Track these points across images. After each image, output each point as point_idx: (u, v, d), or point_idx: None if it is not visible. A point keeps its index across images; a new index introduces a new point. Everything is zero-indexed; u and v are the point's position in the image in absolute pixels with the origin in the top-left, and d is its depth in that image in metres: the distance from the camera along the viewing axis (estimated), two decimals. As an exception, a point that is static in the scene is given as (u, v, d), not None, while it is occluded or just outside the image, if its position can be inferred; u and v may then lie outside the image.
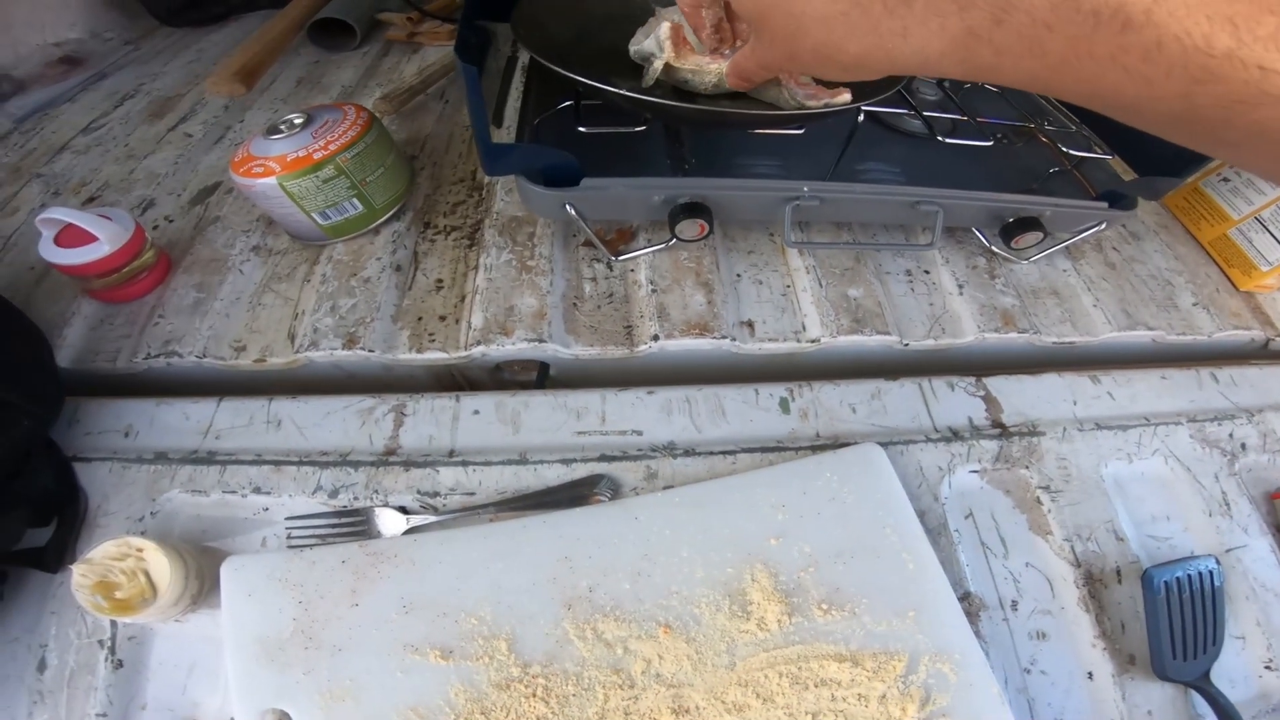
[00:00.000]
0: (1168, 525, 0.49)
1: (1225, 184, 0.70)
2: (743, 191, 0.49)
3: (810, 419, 0.49)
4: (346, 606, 0.37)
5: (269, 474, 0.45)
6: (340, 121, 0.53)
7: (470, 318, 0.52)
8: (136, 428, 0.48)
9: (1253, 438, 0.53)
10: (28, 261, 0.61)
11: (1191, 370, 0.57)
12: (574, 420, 0.48)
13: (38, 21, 1.09)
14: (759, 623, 0.38)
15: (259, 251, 0.58)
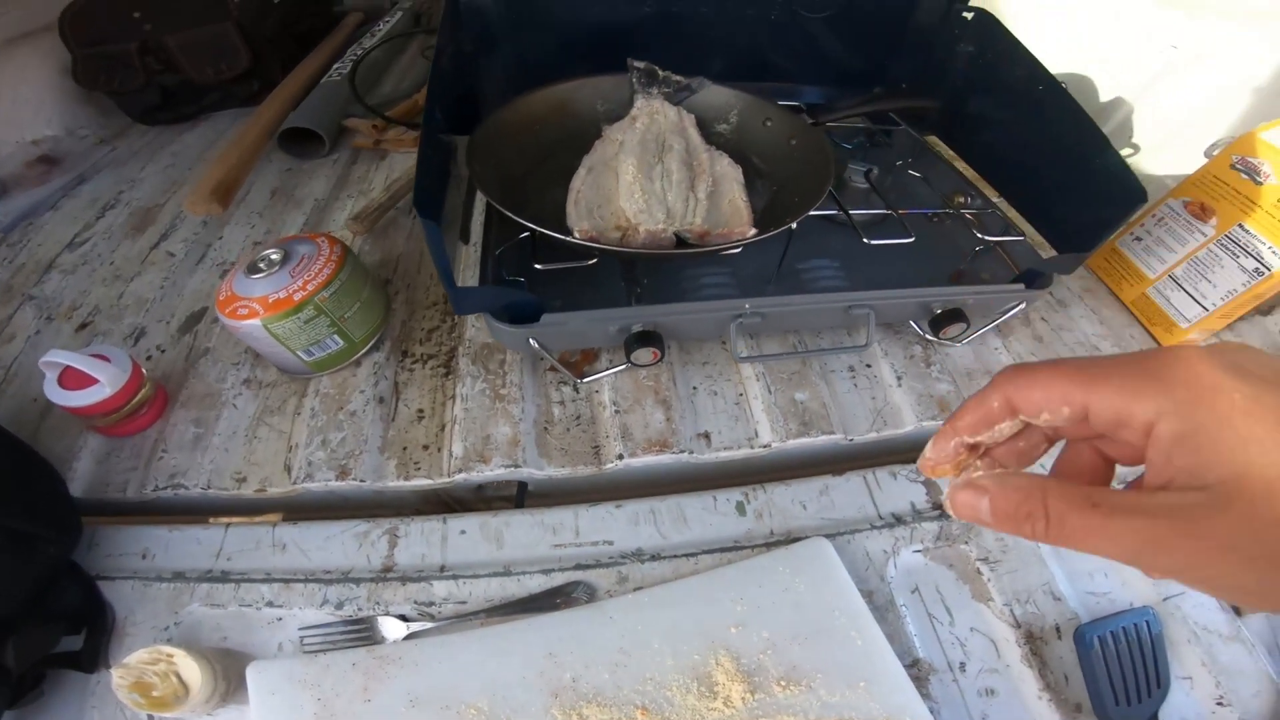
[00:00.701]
0: (1105, 581, 0.56)
1: (1139, 243, 0.80)
2: (691, 315, 0.59)
3: (765, 518, 0.58)
4: (360, 703, 0.46)
5: (279, 590, 0.53)
6: (315, 258, 0.62)
7: (451, 446, 0.62)
8: (153, 551, 0.56)
9: None
10: (30, 394, 0.69)
11: None
12: (551, 535, 0.57)
13: (15, 119, 1.17)
14: (725, 700, 0.46)
15: (250, 384, 0.68)
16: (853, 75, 0.90)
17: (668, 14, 0.80)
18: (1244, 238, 0.69)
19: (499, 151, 0.68)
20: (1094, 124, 0.67)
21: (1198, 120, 0.94)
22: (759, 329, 0.65)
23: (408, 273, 0.79)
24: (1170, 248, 0.75)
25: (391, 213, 0.86)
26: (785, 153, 0.74)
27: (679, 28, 0.82)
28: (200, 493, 0.59)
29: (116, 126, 1.22)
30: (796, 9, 0.82)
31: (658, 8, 0.80)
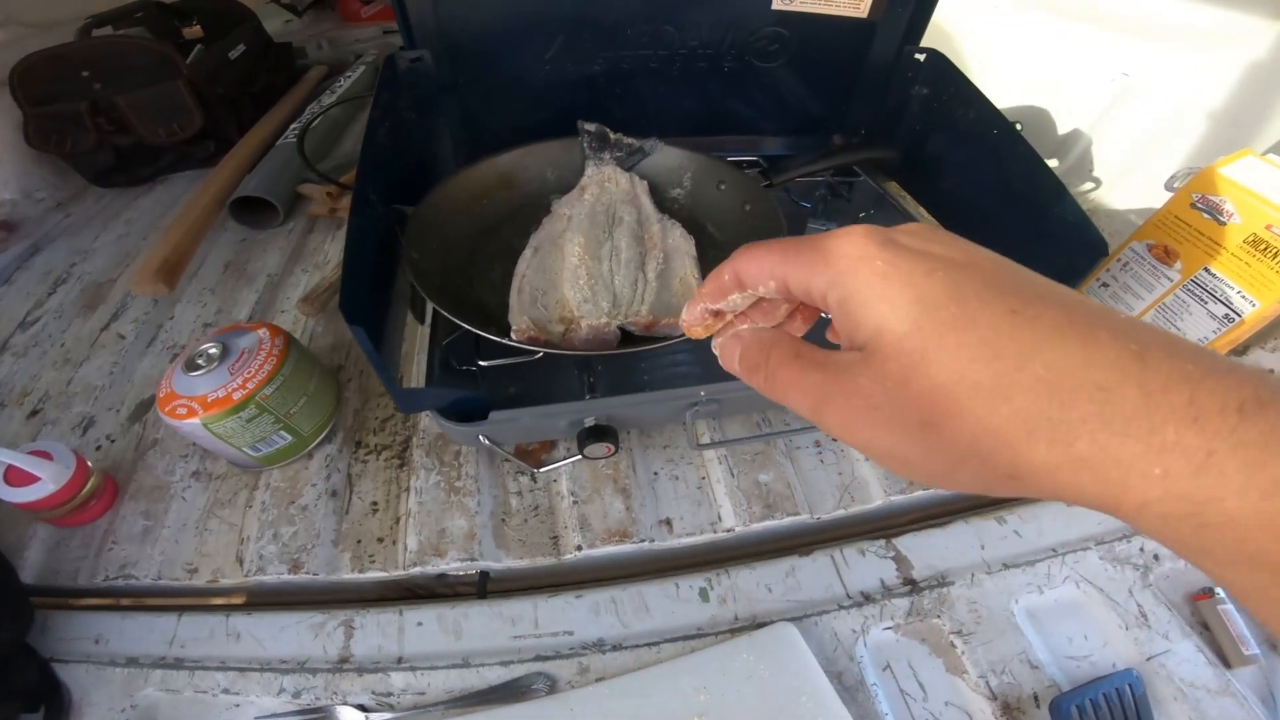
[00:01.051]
0: (1085, 644, 0.55)
1: (1105, 289, 0.81)
2: (644, 406, 0.57)
3: (729, 603, 0.57)
4: None
5: (235, 678, 0.53)
6: (256, 353, 0.60)
7: (406, 539, 0.61)
8: (106, 636, 0.56)
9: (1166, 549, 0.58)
10: None
11: None
12: (510, 626, 0.56)
13: None
14: None
15: (199, 477, 0.67)
16: (812, 122, 0.89)
17: (617, 71, 0.79)
18: (1211, 282, 0.68)
19: (442, 233, 0.66)
20: (1049, 170, 0.66)
21: (1156, 149, 0.94)
22: (722, 412, 0.64)
23: (360, 358, 0.77)
24: (1137, 294, 0.74)
25: None
26: (739, 219, 0.73)
27: (630, 84, 0.81)
28: (151, 583, 0.59)
29: (73, 189, 1.21)
30: (748, 59, 0.80)
31: (606, 66, 0.78)
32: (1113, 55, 1.01)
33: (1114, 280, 0.77)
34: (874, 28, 0.80)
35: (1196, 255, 0.68)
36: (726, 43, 0.78)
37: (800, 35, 0.79)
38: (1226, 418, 0.18)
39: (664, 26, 0.76)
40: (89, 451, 0.69)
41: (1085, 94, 1.05)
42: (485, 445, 0.57)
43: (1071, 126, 1.07)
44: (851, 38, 0.81)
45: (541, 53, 0.77)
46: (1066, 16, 1.09)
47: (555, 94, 0.80)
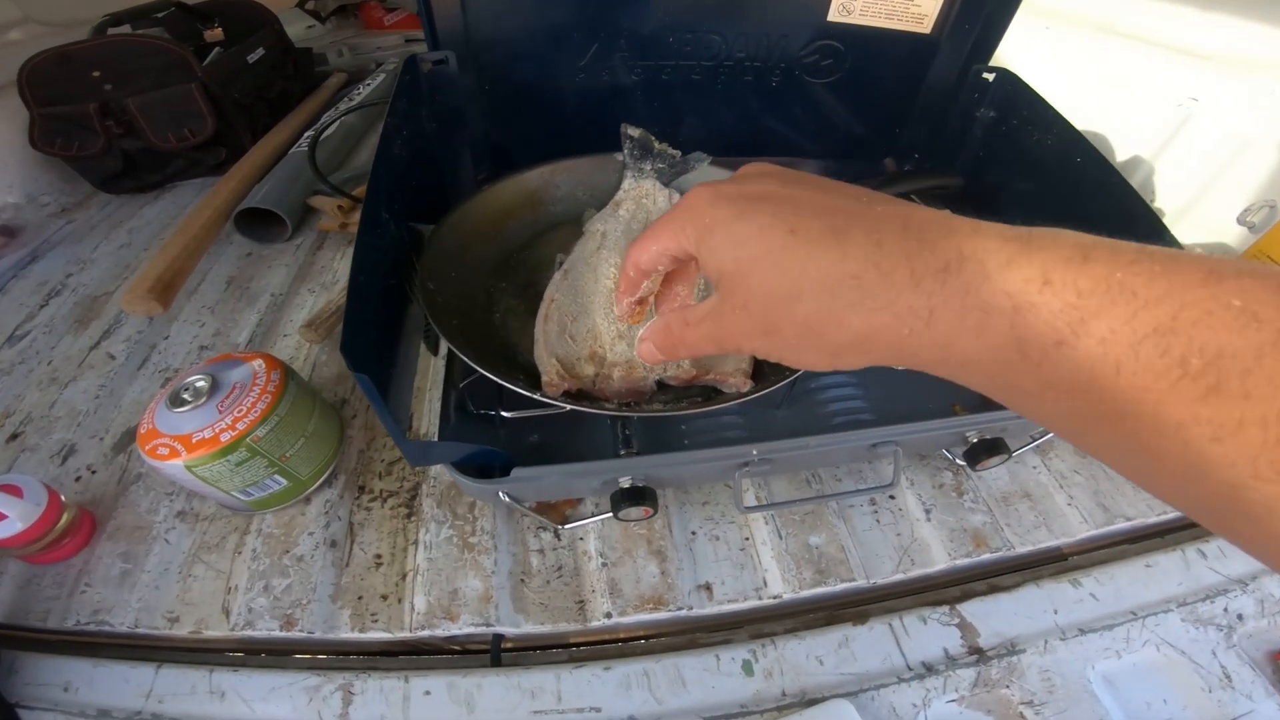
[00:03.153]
0: (1165, 709, 0.50)
1: None
2: (688, 466, 0.48)
3: (775, 678, 0.50)
4: None
5: None
6: (249, 388, 0.54)
7: (413, 599, 0.55)
8: (76, 684, 0.50)
9: (1249, 606, 0.55)
10: None
11: (1177, 551, 0.58)
12: (530, 699, 0.49)
13: None
14: None
15: (184, 518, 0.61)
16: (861, 144, 0.82)
17: (656, 83, 0.73)
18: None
19: (461, 260, 0.59)
20: (1146, 204, 0.59)
21: (1224, 180, 0.88)
22: (770, 471, 0.57)
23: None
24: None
25: None
26: None
27: (669, 98, 0.74)
28: (128, 630, 0.52)
29: (78, 194, 1.15)
30: (798, 73, 0.74)
31: (644, 76, 0.72)
32: (1177, 81, 0.95)
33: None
34: (937, 45, 0.74)
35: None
36: (776, 55, 0.72)
37: (855, 50, 0.73)
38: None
39: (710, 35, 0.70)
40: (68, 482, 0.63)
41: (1147, 120, 0.98)
42: (506, 502, 0.50)
43: (1130, 154, 1.00)
44: (911, 55, 0.74)
45: (575, 60, 0.70)
46: (1126, 39, 1.03)
47: (588, 106, 0.74)
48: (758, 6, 0.70)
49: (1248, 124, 0.86)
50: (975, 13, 0.71)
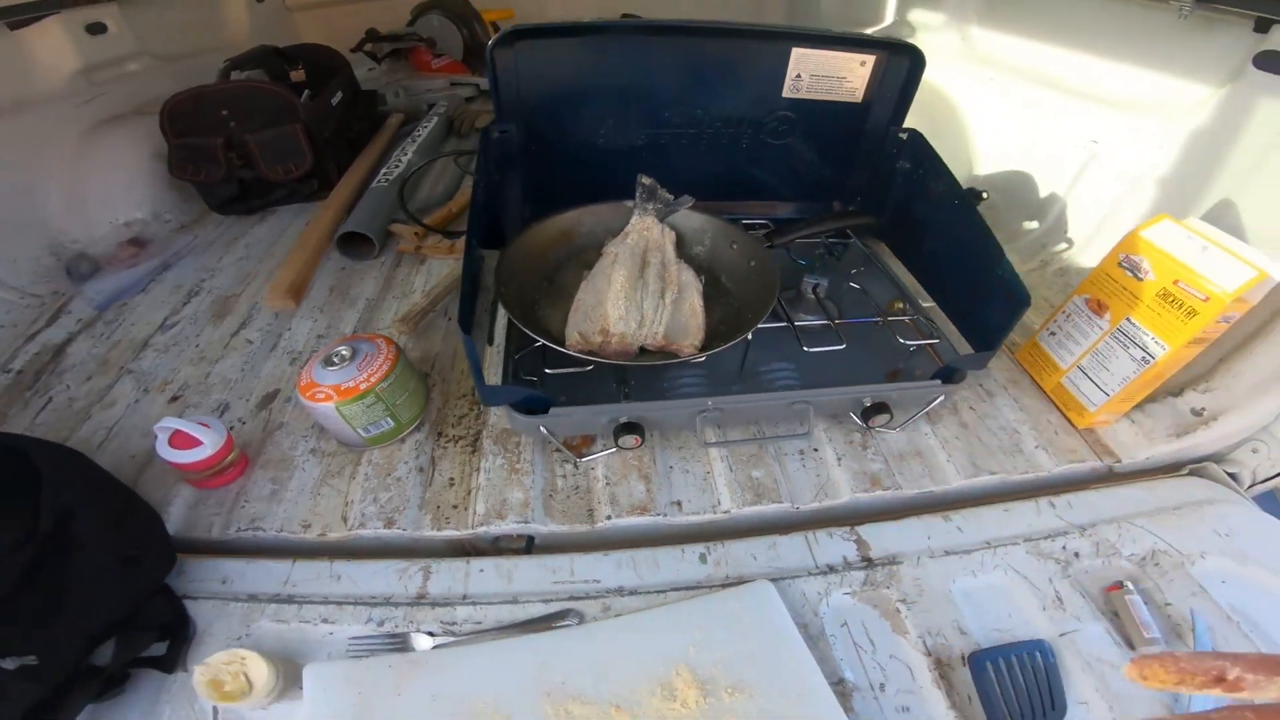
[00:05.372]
0: (1008, 620, 0.69)
1: (1053, 337, 0.95)
2: (665, 410, 0.76)
3: (722, 566, 0.73)
4: (392, 698, 0.60)
5: (333, 610, 0.69)
6: (375, 356, 0.79)
7: (475, 506, 0.78)
8: (231, 579, 0.72)
9: (1085, 548, 0.75)
10: (129, 451, 0.86)
11: (1031, 501, 0.80)
12: (551, 574, 0.72)
13: (109, 199, 1.38)
14: (682, 703, 0.60)
15: (315, 454, 0.85)
16: (817, 190, 1.07)
17: (657, 144, 0.98)
18: (1132, 330, 0.82)
19: (519, 273, 0.86)
20: (993, 236, 0.82)
21: (1121, 212, 1.07)
22: (724, 420, 0.81)
23: (443, 368, 0.96)
24: (1077, 341, 0.89)
25: (431, 315, 1.04)
26: (746, 273, 0.92)
27: (667, 155, 1.00)
28: (274, 535, 0.76)
29: (195, 213, 1.43)
30: (762, 136, 0.98)
31: (648, 140, 0.97)
32: (1084, 124, 1.16)
33: (1059, 329, 0.91)
34: (867, 110, 0.97)
35: (1121, 307, 0.83)
36: (745, 123, 0.97)
37: (806, 117, 0.97)
38: None
39: (694, 109, 0.95)
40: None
41: (1062, 160, 1.20)
42: (543, 435, 0.75)
43: (1050, 191, 1.22)
44: (848, 119, 0.98)
45: (597, 128, 0.96)
46: (1046, 86, 1.25)
47: (607, 161, 1.00)
48: (730, 88, 0.95)
49: (1136, 162, 1.06)
50: (892, 87, 0.96)
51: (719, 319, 0.88)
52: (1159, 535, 0.76)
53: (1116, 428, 0.89)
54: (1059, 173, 1.20)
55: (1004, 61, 1.38)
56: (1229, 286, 0.72)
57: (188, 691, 0.61)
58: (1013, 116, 1.34)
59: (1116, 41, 1.14)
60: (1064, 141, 1.19)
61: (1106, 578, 0.72)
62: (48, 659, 0.59)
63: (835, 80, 0.93)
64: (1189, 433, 0.86)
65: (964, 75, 1.46)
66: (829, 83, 0.94)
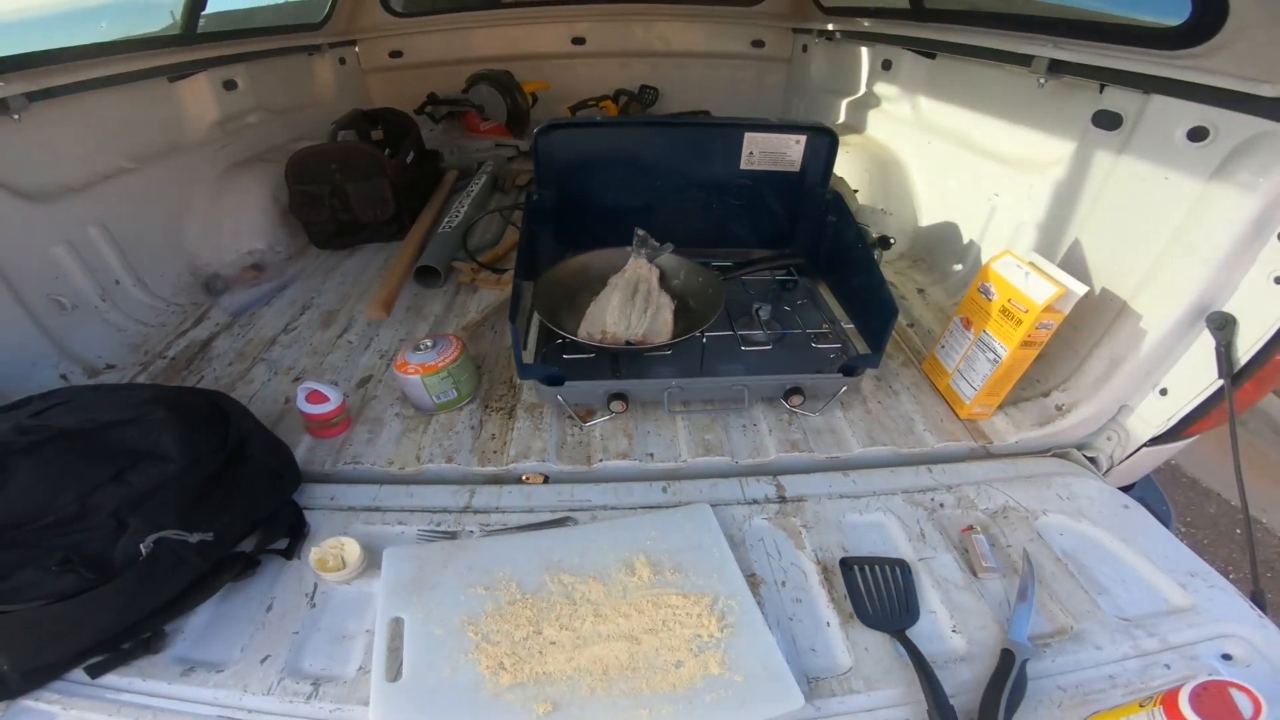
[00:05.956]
0: (882, 546, 0.95)
1: (943, 349, 1.23)
2: (643, 386, 1.09)
3: (677, 495, 1.04)
4: (441, 568, 0.89)
5: (406, 515, 1.00)
6: (449, 347, 1.14)
7: (509, 451, 1.11)
8: (337, 497, 1.04)
9: (949, 500, 1.02)
10: (264, 413, 1.19)
11: (913, 468, 1.08)
12: (557, 496, 1.04)
13: (237, 231, 1.76)
14: (638, 577, 0.87)
15: (399, 416, 1.20)
16: (772, 238, 1.42)
17: (651, 205, 1.35)
18: (987, 339, 1.11)
19: (548, 294, 1.22)
20: (878, 269, 1.16)
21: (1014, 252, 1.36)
22: (686, 397, 1.14)
23: (490, 363, 1.31)
24: (956, 351, 1.18)
25: (482, 328, 1.41)
26: (706, 298, 1.26)
27: (659, 211, 1.36)
28: (368, 468, 1.08)
29: (299, 246, 1.82)
30: (727, 198, 1.33)
31: (645, 202, 1.34)
32: (989, 180, 1.44)
33: (947, 343, 1.21)
34: (804, 176, 1.31)
35: (980, 323, 1.12)
36: (714, 187, 1.32)
37: (759, 182, 1.32)
38: None
39: (679, 178, 1.31)
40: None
41: (974, 211, 1.49)
42: (559, 403, 1.09)
43: (969, 237, 1.51)
44: (790, 183, 1.33)
45: (606, 190, 1.32)
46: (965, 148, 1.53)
47: (613, 216, 1.36)
48: (703, 162, 1.30)
49: (1019, 210, 1.33)
50: (819, 158, 1.31)
51: (684, 327, 1.21)
52: (1011, 495, 1.01)
53: (994, 419, 1.16)
54: (974, 221, 1.49)
55: (939, 127, 1.67)
56: (1039, 300, 1.01)
57: (297, 574, 0.88)
58: (945, 175, 1.63)
59: (1006, 107, 1.40)
60: (977, 195, 1.47)
61: (963, 523, 0.96)
62: (220, 538, 0.85)
63: (778, 154, 1.28)
64: (1050, 423, 1.12)
65: (911, 140, 1.77)
66: (773, 156, 1.28)
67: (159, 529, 0.81)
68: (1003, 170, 1.40)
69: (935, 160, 1.67)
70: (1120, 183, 1.11)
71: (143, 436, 0.90)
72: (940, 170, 1.66)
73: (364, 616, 0.84)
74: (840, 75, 2.20)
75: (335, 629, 0.83)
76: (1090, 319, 1.12)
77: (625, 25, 2.65)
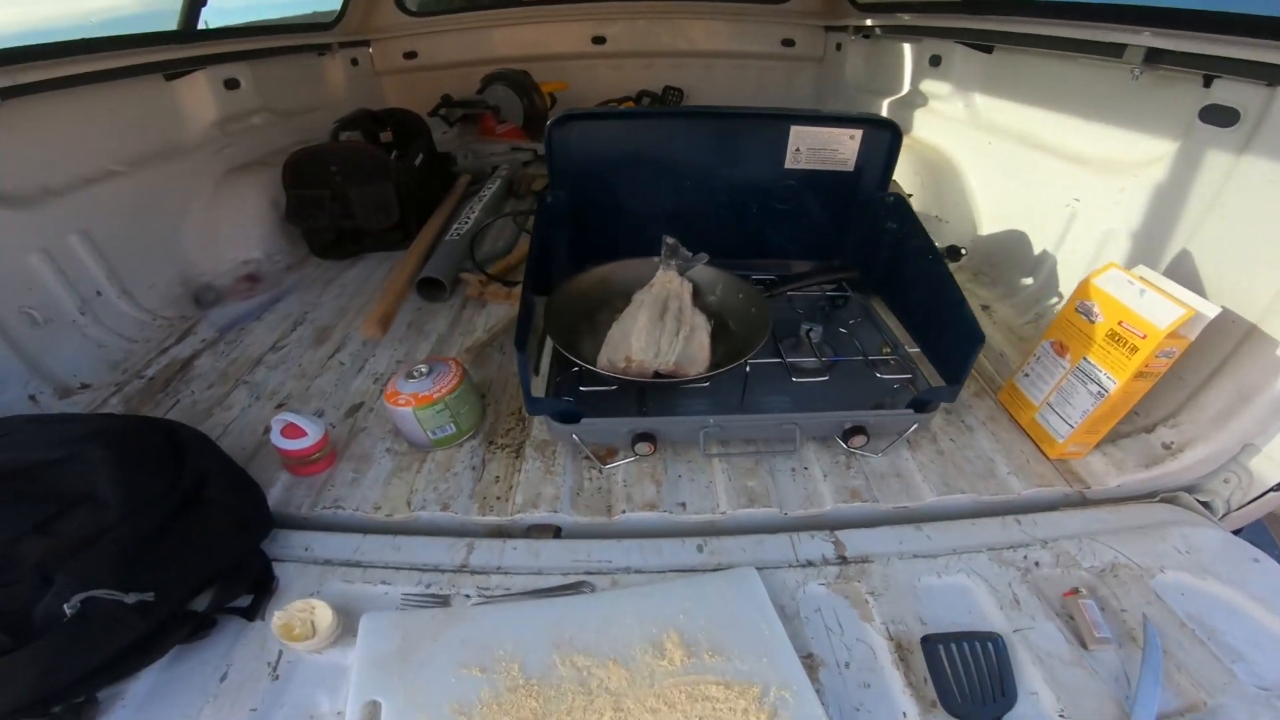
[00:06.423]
0: (967, 616, 0.78)
1: (1027, 378, 1.05)
2: (674, 425, 0.91)
3: (715, 555, 0.86)
4: (429, 641, 0.74)
5: (391, 574, 0.84)
6: (446, 374, 0.98)
7: (515, 498, 0.94)
8: (312, 547, 0.88)
9: (1046, 558, 0.85)
10: (240, 444, 1.05)
11: (999, 519, 0.90)
12: (571, 555, 0.86)
13: (235, 240, 1.62)
14: (669, 660, 0.72)
15: (390, 452, 1.03)
16: (818, 248, 1.23)
17: (680, 209, 1.17)
18: (1089, 368, 0.92)
19: (563, 313, 1.05)
20: (956, 285, 0.96)
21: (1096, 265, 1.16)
22: (725, 436, 0.96)
23: (496, 391, 1.14)
24: (1045, 380, 1.00)
25: (489, 349, 1.24)
26: (748, 318, 1.07)
27: (689, 218, 1.18)
28: (350, 513, 0.92)
29: (299, 255, 1.68)
30: (769, 202, 1.14)
31: (673, 207, 1.15)
32: (1066, 184, 1.27)
33: (1032, 371, 1.02)
34: (859, 177, 1.13)
35: (1079, 348, 0.94)
36: (754, 190, 1.14)
37: (805, 184, 1.13)
38: None
39: (713, 180, 1.13)
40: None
41: (1049, 219, 1.31)
42: (575, 442, 0.91)
43: (1041, 248, 1.33)
44: (842, 185, 1.15)
45: (631, 194, 1.15)
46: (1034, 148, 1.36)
47: (638, 223, 1.18)
48: (741, 161, 1.12)
49: (1107, 217, 1.16)
50: (877, 156, 1.12)
51: (723, 353, 1.03)
52: (1120, 550, 0.85)
53: (1089, 459, 0.98)
54: (1047, 230, 1.32)
55: (1000, 126, 1.51)
56: (1162, 324, 0.83)
57: (260, 638, 0.75)
58: (1009, 178, 1.46)
59: (1085, 103, 1.24)
60: (1050, 200, 1.30)
61: (1064, 585, 0.80)
62: (162, 597, 0.72)
63: (829, 152, 1.10)
64: (1158, 464, 0.94)
65: (967, 141, 1.60)
66: (824, 154, 1.10)
67: (88, 587, 0.69)
68: (1082, 172, 1.24)
69: (996, 162, 1.50)
70: (1243, 186, 0.94)
71: (77, 479, 0.78)
72: (1003, 173, 1.48)
73: (337, 693, 0.70)
74: (880, 74, 2.05)
75: (301, 707, 0.70)
76: (1204, 344, 0.93)
77: (648, 24, 2.54)
